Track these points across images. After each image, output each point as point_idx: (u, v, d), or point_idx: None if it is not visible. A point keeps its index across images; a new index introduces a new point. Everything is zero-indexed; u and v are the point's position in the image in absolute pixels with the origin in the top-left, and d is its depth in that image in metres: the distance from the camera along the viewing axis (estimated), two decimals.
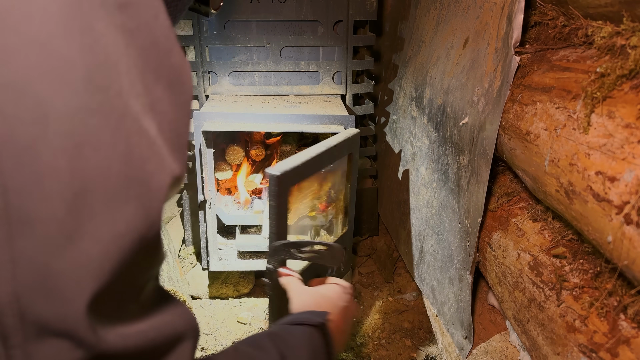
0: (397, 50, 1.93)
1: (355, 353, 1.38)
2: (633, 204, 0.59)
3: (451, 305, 1.25)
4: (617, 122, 0.65)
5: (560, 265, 0.85)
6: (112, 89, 0.32)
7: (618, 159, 0.63)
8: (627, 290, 0.69)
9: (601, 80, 0.69)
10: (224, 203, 1.50)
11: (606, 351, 0.69)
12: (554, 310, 0.82)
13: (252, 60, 1.56)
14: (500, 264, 1.04)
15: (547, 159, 0.80)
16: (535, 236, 0.96)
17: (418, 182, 1.51)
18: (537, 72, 0.91)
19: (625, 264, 0.62)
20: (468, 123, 1.13)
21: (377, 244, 1.93)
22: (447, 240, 1.26)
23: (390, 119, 1.88)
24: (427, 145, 1.45)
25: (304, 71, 1.59)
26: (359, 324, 1.50)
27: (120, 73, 0.32)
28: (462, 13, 1.28)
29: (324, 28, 1.53)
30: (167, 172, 0.35)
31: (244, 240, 1.46)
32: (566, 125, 0.75)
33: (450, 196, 1.24)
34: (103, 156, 0.31)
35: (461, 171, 1.18)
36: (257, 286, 1.67)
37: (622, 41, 0.69)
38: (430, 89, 1.44)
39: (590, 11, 0.80)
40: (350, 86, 1.61)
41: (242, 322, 1.49)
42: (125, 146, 0.32)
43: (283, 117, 1.33)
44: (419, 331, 1.47)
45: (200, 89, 1.57)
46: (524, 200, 1.06)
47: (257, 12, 1.49)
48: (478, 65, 1.12)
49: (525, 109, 0.89)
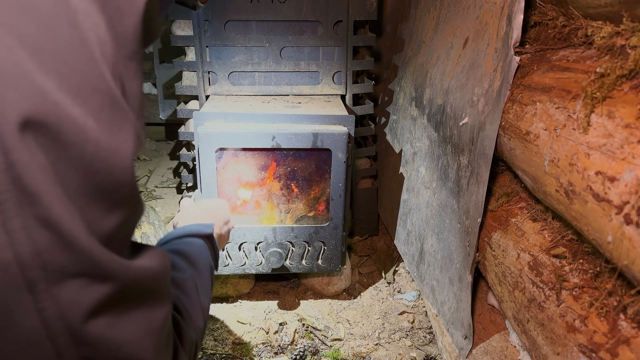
0: (397, 51, 1.93)
1: (355, 353, 1.38)
2: (633, 204, 0.59)
3: (451, 305, 1.25)
4: (616, 122, 0.65)
5: (560, 265, 0.85)
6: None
7: (618, 159, 0.63)
8: (627, 290, 0.69)
9: (601, 80, 0.69)
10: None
11: (606, 351, 0.69)
12: (553, 310, 0.82)
13: (252, 60, 1.56)
14: (500, 263, 1.04)
15: (547, 159, 0.80)
16: (535, 236, 0.96)
17: (418, 182, 1.51)
18: (537, 72, 0.91)
19: (625, 264, 0.62)
20: (468, 123, 1.13)
21: (377, 244, 1.93)
22: (447, 240, 1.26)
23: (390, 119, 1.88)
24: (427, 145, 1.45)
25: (304, 71, 1.59)
26: (359, 324, 1.50)
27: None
28: (462, 13, 1.29)
29: (324, 28, 1.53)
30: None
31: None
32: (566, 125, 0.75)
33: (450, 196, 1.24)
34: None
35: (461, 171, 1.18)
36: (257, 286, 1.67)
37: (622, 41, 0.70)
38: (430, 89, 1.44)
39: (590, 11, 0.80)
40: (350, 86, 1.61)
41: (242, 322, 1.49)
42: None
43: (283, 117, 1.33)
44: (418, 331, 1.47)
45: (200, 89, 1.57)
46: (523, 200, 1.06)
47: (257, 12, 1.49)
48: (478, 65, 1.12)
49: (525, 109, 0.90)
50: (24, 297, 0.36)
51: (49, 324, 0.37)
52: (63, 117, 0.35)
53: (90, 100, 0.37)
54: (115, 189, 0.39)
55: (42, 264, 0.35)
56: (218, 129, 1.29)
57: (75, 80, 0.36)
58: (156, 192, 2.39)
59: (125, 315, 0.41)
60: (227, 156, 1.36)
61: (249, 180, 1.42)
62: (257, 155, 1.38)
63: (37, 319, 0.36)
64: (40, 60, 0.35)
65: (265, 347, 1.40)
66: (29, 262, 0.35)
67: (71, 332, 0.37)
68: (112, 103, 0.39)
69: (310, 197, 1.46)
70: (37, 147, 0.34)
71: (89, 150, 0.36)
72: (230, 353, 1.37)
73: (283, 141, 1.30)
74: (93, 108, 0.37)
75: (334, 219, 1.42)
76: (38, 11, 0.35)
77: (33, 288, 0.36)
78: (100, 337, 0.39)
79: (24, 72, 0.34)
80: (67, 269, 0.36)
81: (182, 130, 1.68)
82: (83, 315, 0.38)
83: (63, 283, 0.37)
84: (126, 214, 0.41)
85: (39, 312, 0.36)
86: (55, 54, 0.36)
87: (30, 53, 0.34)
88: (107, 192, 0.39)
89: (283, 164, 1.41)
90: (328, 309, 1.58)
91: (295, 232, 1.44)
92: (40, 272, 0.35)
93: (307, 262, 1.48)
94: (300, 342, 1.43)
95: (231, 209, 1.44)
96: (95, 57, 0.38)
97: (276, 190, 1.44)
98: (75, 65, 0.36)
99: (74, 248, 0.36)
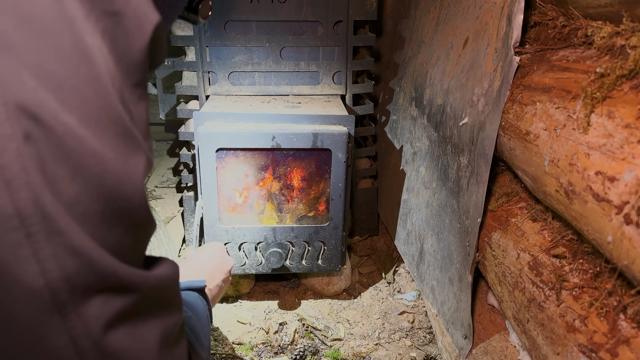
0: (397, 51, 1.93)
1: (355, 353, 1.38)
2: (633, 204, 0.59)
3: (451, 305, 1.25)
4: (616, 122, 0.65)
5: (560, 265, 0.85)
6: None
7: (618, 159, 0.63)
8: (626, 290, 0.69)
9: (601, 80, 0.69)
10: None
11: (606, 351, 0.69)
12: (553, 310, 0.82)
13: (252, 60, 1.56)
14: (500, 263, 1.04)
15: (547, 159, 0.80)
16: (535, 236, 0.96)
17: (418, 182, 1.51)
18: (536, 72, 0.91)
19: (625, 264, 0.62)
20: (468, 123, 1.13)
21: (377, 244, 1.93)
22: (447, 240, 1.26)
23: (390, 119, 1.88)
24: (427, 145, 1.45)
25: (304, 71, 1.59)
26: (359, 324, 1.50)
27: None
28: (462, 13, 1.29)
29: (324, 28, 1.53)
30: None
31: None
32: (566, 126, 0.76)
33: (450, 196, 1.24)
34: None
35: (461, 171, 1.18)
36: (257, 286, 1.67)
37: (622, 41, 0.70)
38: (430, 89, 1.44)
39: (590, 11, 0.80)
40: (350, 86, 1.61)
41: (242, 322, 1.49)
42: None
43: (283, 117, 1.33)
44: (418, 331, 1.47)
45: (200, 89, 1.57)
46: (523, 200, 1.06)
47: (257, 12, 1.49)
48: (478, 65, 1.12)
49: (525, 109, 0.90)
50: (54, 318, 0.38)
51: (77, 341, 0.39)
52: (86, 151, 0.37)
53: (107, 132, 0.39)
54: (132, 213, 0.42)
55: (71, 287, 0.38)
56: (218, 129, 1.29)
57: (94, 114, 0.38)
58: (156, 192, 2.39)
59: (143, 325, 0.44)
60: (227, 156, 1.36)
61: (248, 180, 1.42)
62: (257, 155, 1.38)
63: (67, 337, 0.38)
64: (62, 98, 0.37)
65: (265, 347, 1.40)
66: (59, 287, 0.37)
67: (97, 346, 0.40)
68: (124, 132, 0.41)
69: (310, 197, 1.46)
70: (61, 181, 0.37)
71: (108, 180, 0.39)
72: (230, 353, 1.37)
73: (283, 141, 1.30)
74: (109, 139, 0.39)
75: (334, 219, 1.42)
76: (59, 51, 0.37)
77: (62, 310, 0.38)
78: (122, 348, 0.41)
79: (49, 111, 0.36)
80: (93, 287, 0.39)
81: (182, 130, 1.68)
82: (105, 327, 0.40)
83: (88, 301, 0.39)
84: (142, 232, 0.44)
85: (68, 331, 0.38)
86: (74, 91, 0.37)
87: (54, 92, 0.36)
88: (126, 216, 0.41)
89: (283, 164, 1.41)
90: (328, 309, 1.58)
91: (295, 232, 1.44)
92: (68, 295, 0.38)
93: (307, 262, 1.48)
94: (300, 342, 1.43)
95: (231, 208, 1.44)
96: (109, 90, 0.40)
97: (276, 190, 1.44)
98: (92, 99, 0.38)
99: (99, 270, 0.39)
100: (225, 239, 1.43)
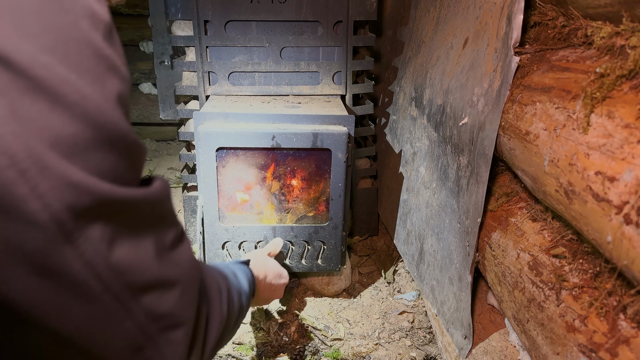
0: (397, 51, 1.93)
1: (355, 353, 1.38)
2: (632, 204, 0.59)
3: (451, 305, 1.25)
4: (616, 122, 0.65)
5: (560, 265, 0.85)
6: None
7: (617, 159, 0.63)
8: (626, 290, 0.69)
9: (601, 80, 0.70)
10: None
11: (606, 351, 0.69)
12: (553, 310, 0.83)
13: (252, 60, 1.56)
14: (500, 263, 1.04)
15: (547, 159, 0.80)
16: (534, 236, 0.96)
17: (418, 182, 1.51)
18: (536, 73, 0.91)
19: (625, 263, 0.62)
20: (468, 123, 1.13)
21: (377, 244, 1.93)
22: (446, 240, 1.27)
23: (390, 119, 1.88)
24: (426, 146, 1.45)
25: (304, 71, 1.59)
26: (359, 324, 1.50)
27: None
28: (461, 13, 1.29)
29: (324, 28, 1.54)
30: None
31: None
32: (566, 126, 0.76)
33: (450, 196, 1.24)
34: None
35: (461, 171, 1.18)
36: None
37: (622, 41, 0.70)
38: (429, 89, 1.44)
39: (589, 11, 0.80)
40: (350, 86, 1.61)
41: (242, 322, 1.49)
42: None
43: (283, 117, 1.33)
44: (418, 331, 1.48)
45: (200, 89, 1.57)
46: (523, 200, 1.06)
47: (257, 12, 1.50)
48: (478, 65, 1.12)
49: (525, 109, 0.90)
50: (65, 247, 0.40)
51: (91, 263, 0.41)
52: (59, 79, 0.38)
53: (77, 57, 0.40)
54: (123, 137, 0.43)
55: (74, 216, 0.39)
56: (218, 129, 1.29)
57: (60, 40, 0.39)
58: None
59: (143, 238, 0.47)
60: (227, 155, 1.37)
61: (248, 179, 1.42)
62: (257, 154, 1.38)
63: (81, 262, 0.41)
64: (22, 26, 0.37)
65: (265, 347, 1.40)
66: (63, 218, 0.39)
67: (107, 264, 0.42)
68: (94, 54, 0.42)
69: (310, 196, 1.46)
70: (41, 113, 0.37)
71: (90, 106, 0.40)
72: (230, 353, 1.37)
73: (283, 141, 1.30)
74: (80, 63, 0.40)
75: (333, 218, 1.42)
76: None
77: (71, 238, 0.40)
78: (128, 261, 0.44)
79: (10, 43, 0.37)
80: (93, 212, 0.41)
81: (182, 130, 1.68)
82: (109, 245, 0.43)
83: (92, 225, 0.41)
84: (136, 155, 0.46)
85: (80, 256, 0.41)
86: (35, 19, 0.38)
87: (12, 21, 0.37)
88: (117, 140, 0.42)
89: (283, 163, 1.41)
90: (328, 308, 1.58)
91: (295, 231, 1.44)
92: (73, 224, 0.39)
93: (306, 261, 1.49)
94: (300, 342, 1.43)
95: (231, 207, 1.44)
96: (75, 11, 0.41)
97: (276, 189, 1.44)
98: (55, 25, 0.39)
99: (97, 196, 0.40)
100: (225, 238, 1.43)
